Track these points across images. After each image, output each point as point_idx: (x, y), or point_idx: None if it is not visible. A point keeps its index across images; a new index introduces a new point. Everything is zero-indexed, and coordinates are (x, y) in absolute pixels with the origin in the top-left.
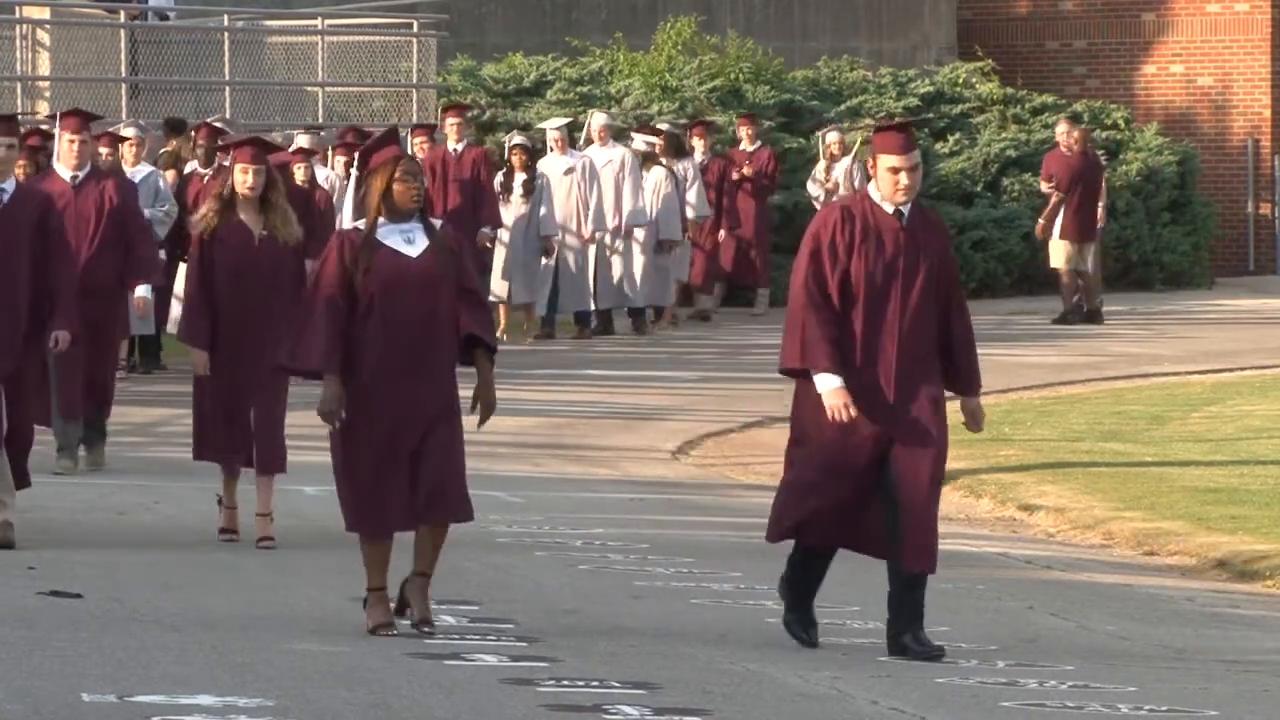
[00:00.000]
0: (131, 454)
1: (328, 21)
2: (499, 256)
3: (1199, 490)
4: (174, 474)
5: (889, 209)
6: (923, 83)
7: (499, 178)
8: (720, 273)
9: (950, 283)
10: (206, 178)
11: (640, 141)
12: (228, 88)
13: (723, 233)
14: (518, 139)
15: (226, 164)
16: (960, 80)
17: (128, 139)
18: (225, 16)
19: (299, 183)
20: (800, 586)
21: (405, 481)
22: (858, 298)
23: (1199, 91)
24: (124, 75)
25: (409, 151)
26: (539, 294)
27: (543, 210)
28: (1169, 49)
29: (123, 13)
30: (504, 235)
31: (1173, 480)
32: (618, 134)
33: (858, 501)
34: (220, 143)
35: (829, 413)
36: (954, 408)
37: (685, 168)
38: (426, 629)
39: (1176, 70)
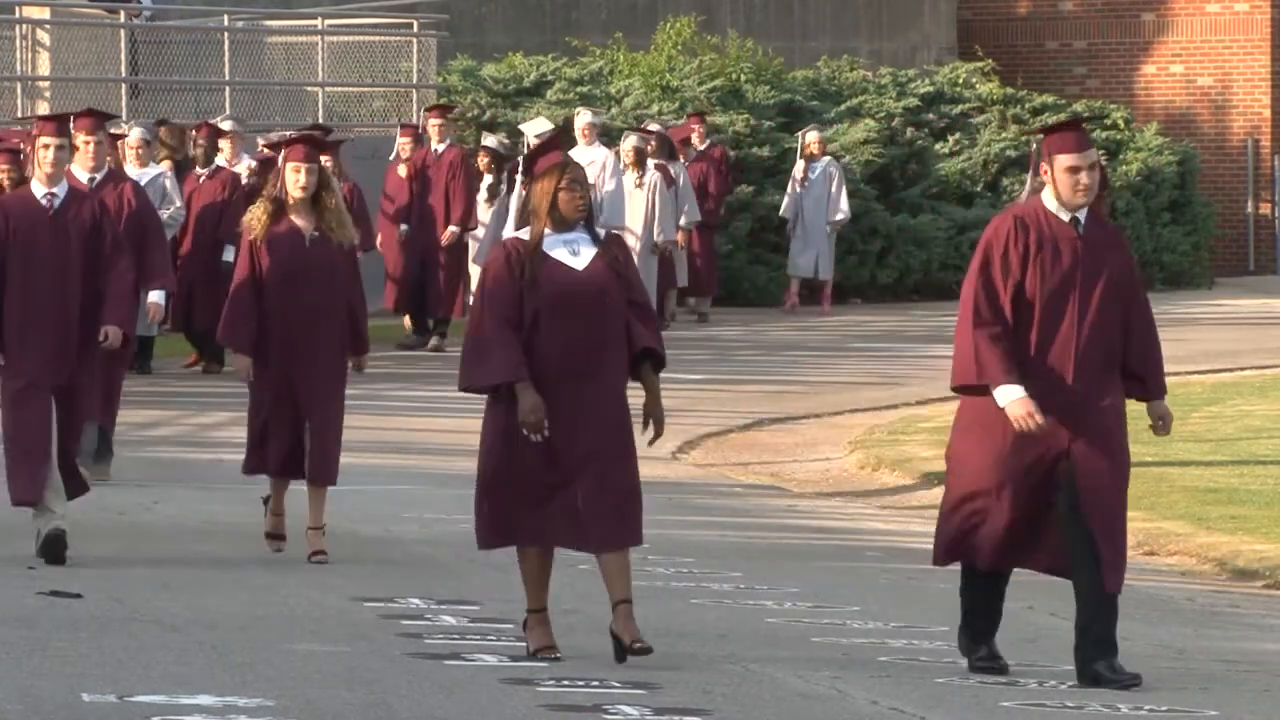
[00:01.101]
0: (131, 454)
1: (328, 21)
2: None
3: (1199, 490)
4: (174, 475)
5: (1065, 217)
6: (923, 83)
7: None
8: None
9: (1131, 294)
10: (203, 178)
11: (636, 139)
12: (228, 88)
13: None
14: (486, 142)
15: (226, 164)
16: (960, 80)
17: (127, 139)
18: (225, 16)
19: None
20: (978, 620)
21: (570, 501)
22: (1033, 312)
23: (1199, 91)
24: (124, 75)
25: (394, 151)
26: None
27: (510, 214)
28: (1169, 49)
29: (123, 13)
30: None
31: (1173, 480)
32: (606, 133)
33: (1030, 519)
34: (272, 141)
35: (1015, 423)
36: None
37: (676, 172)
38: (638, 645)
39: (1176, 70)
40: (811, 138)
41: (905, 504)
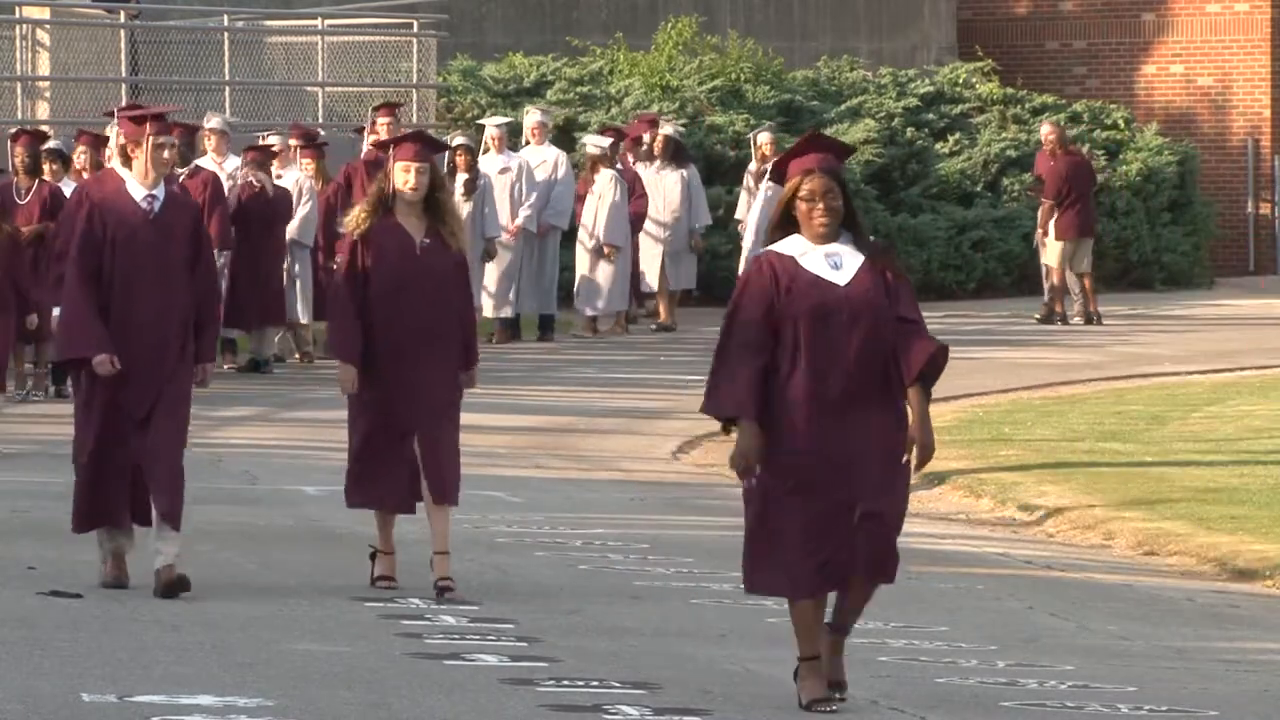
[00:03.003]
0: None
1: (328, 21)
2: None
3: (1199, 490)
4: None
5: None
6: (923, 83)
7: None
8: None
9: None
10: (182, 177)
11: (591, 145)
12: (228, 88)
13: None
14: (460, 139)
15: (215, 163)
16: (960, 80)
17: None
18: (225, 16)
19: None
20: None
21: (842, 540)
22: None
23: (1199, 91)
24: (124, 75)
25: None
26: (478, 297)
27: (485, 211)
28: (1169, 49)
29: (123, 13)
30: None
31: (1173, 480)
32: (555, 132)
33: None
34: (381, 140)
35: None
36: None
37: (690, 174)
38: (839, 695)
39: (1176, 70)
40: (764, 139)
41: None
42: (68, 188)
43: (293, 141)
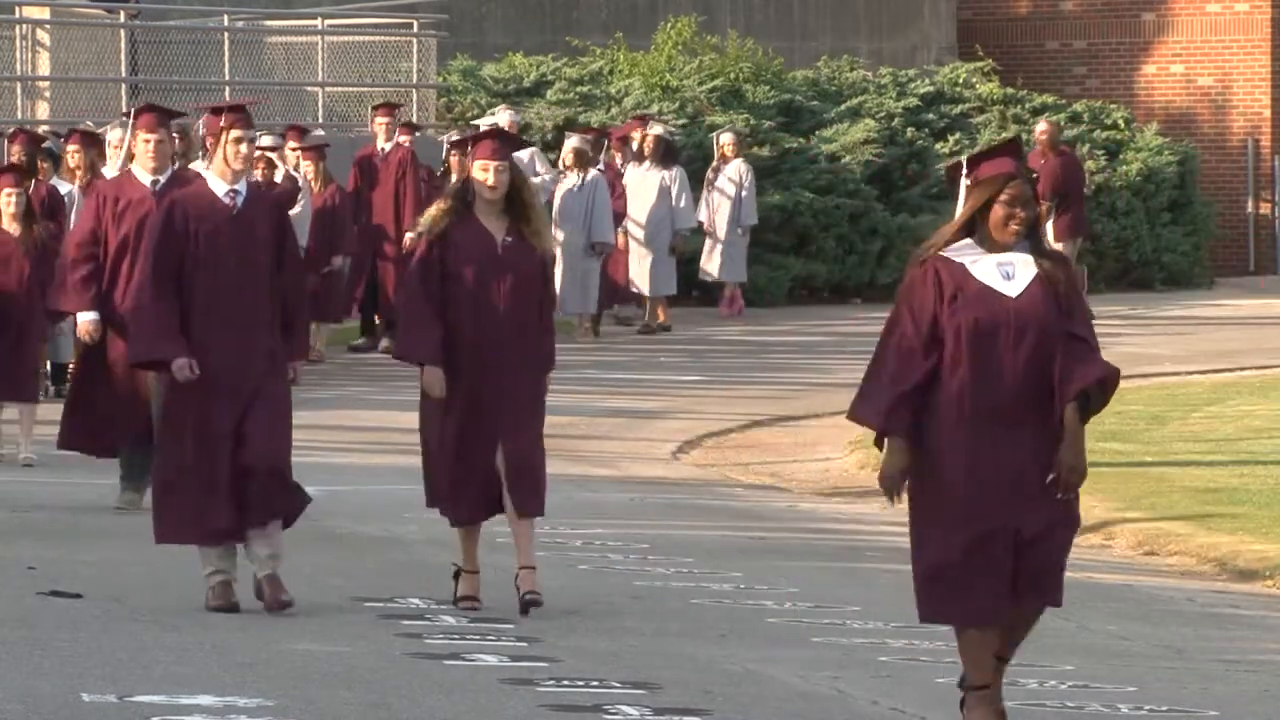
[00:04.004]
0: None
1: (328, 21)
2: None
3: (1199, 490)
4: None
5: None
6: (923, 83)
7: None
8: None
9: None
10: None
11: (578, 140)
12: (228, 88)
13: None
14: (456, 138)
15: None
16: (960, 80)
17: (107, 138)
18: (225, 16)
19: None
20: None
21: (1007, 565)
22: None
23: (1199, 91)
24: (124, 75)
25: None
26: None
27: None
28: (1169, 49)
29: (123, 13)
30: None
31: (1173, 480)
32: (525, 131)
33: None
34: (457, 139)
35: None
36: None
37: (674, 175)
38: None
39: (1176, 70)
40: (725, 139)
41: (906, 504)
42: (61, 187)
43: (292, 145)
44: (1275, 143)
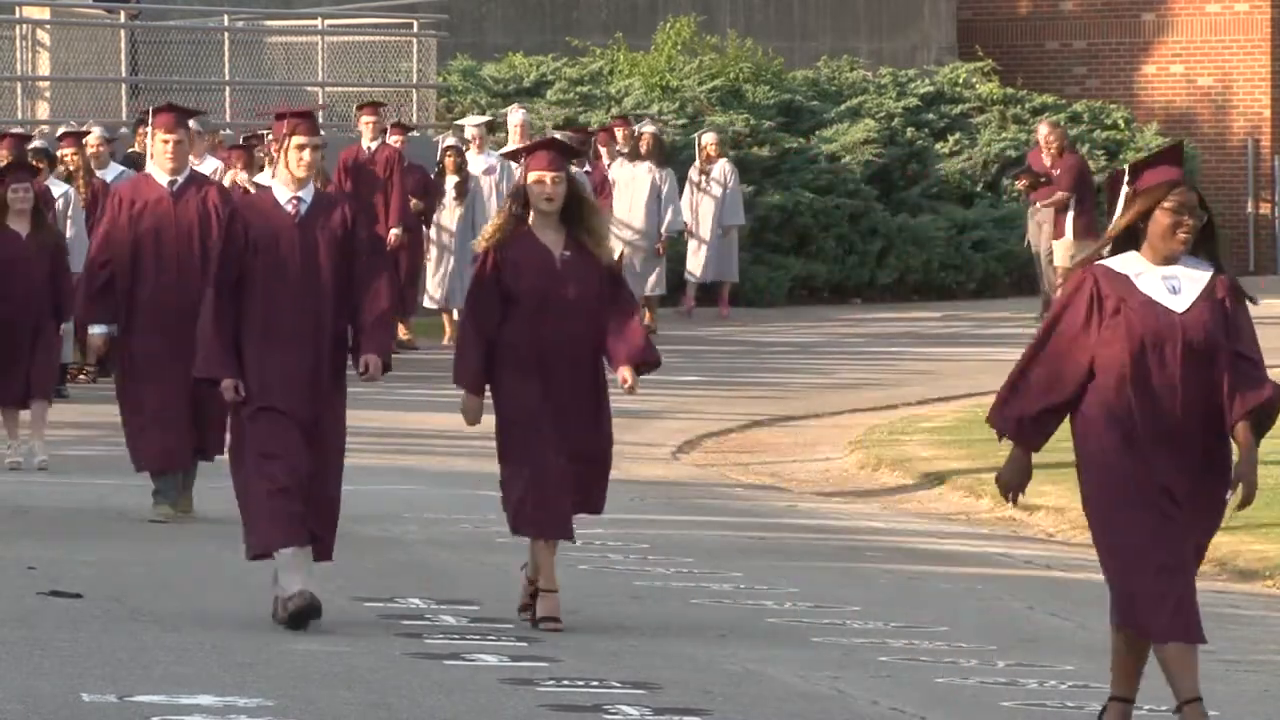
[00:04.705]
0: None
1: (328, 21)
2: (432, 260)
3: None
4: None
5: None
6: (923, 83)
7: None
8: None
9: None
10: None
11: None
12: (228, 88)
13: None
14: (449, 140)
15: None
16: (960, 80)
17: (87, 138)
18: (225, 16)
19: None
20: None
21: (1189, 581)
22: None
23: (1199, 91)
24: (124, 75)
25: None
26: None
27: (479, 212)
28: (1169, 49)
29: (123, 13)
30: (441, 238)
31: None
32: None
33: None
34: (510, 151)
35: None
36: None
37: (665, 175)
38: None
39: (1176, 70)
40: (708, 139)
41: (905, 504)
42: (56, 188)
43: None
44: (1275, 143)
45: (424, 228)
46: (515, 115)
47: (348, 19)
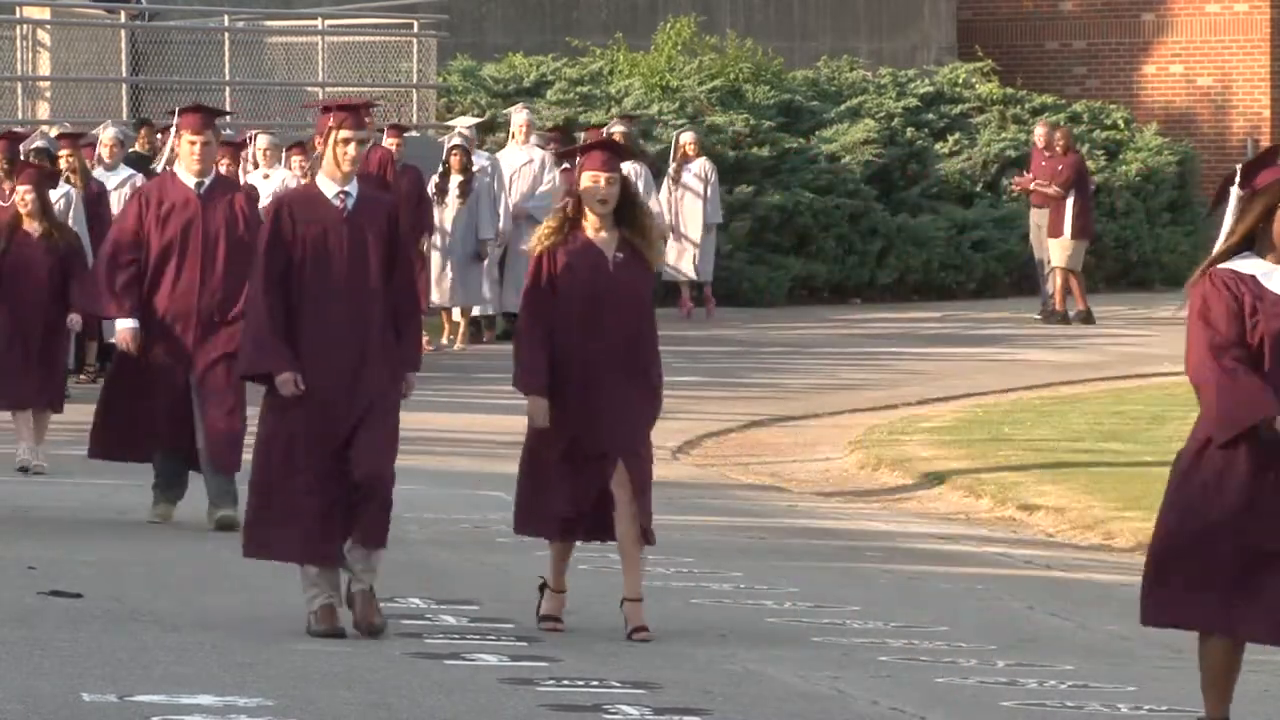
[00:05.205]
0: None
1: (328, 22)
2: (434, 260)
3: None
4: None
5: None
6: (923, 83)
7: (434, 179)
8: None
9: None
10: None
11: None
12: (228, 88)
13: None
14: (455, 140)
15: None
16: (960, 80)
17: (101, 137)
18: (225, 16)
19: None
20: None
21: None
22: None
23: (1199, 91)
24: (124, 75)
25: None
26: (477, 298)
27: (481, 212)
28: (1169, 49)
29: (123, 13)
30: (437, 239)
31: None
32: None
33: None
34: (566, 150)
35: None
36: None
37: (639, 171)
38: None
39: (1176, 70)
40: (686, 138)
41: (905, 504)
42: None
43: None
44: (1275, 143)
45: (426, 234)
46: (519, 115)
47: (348, 19)
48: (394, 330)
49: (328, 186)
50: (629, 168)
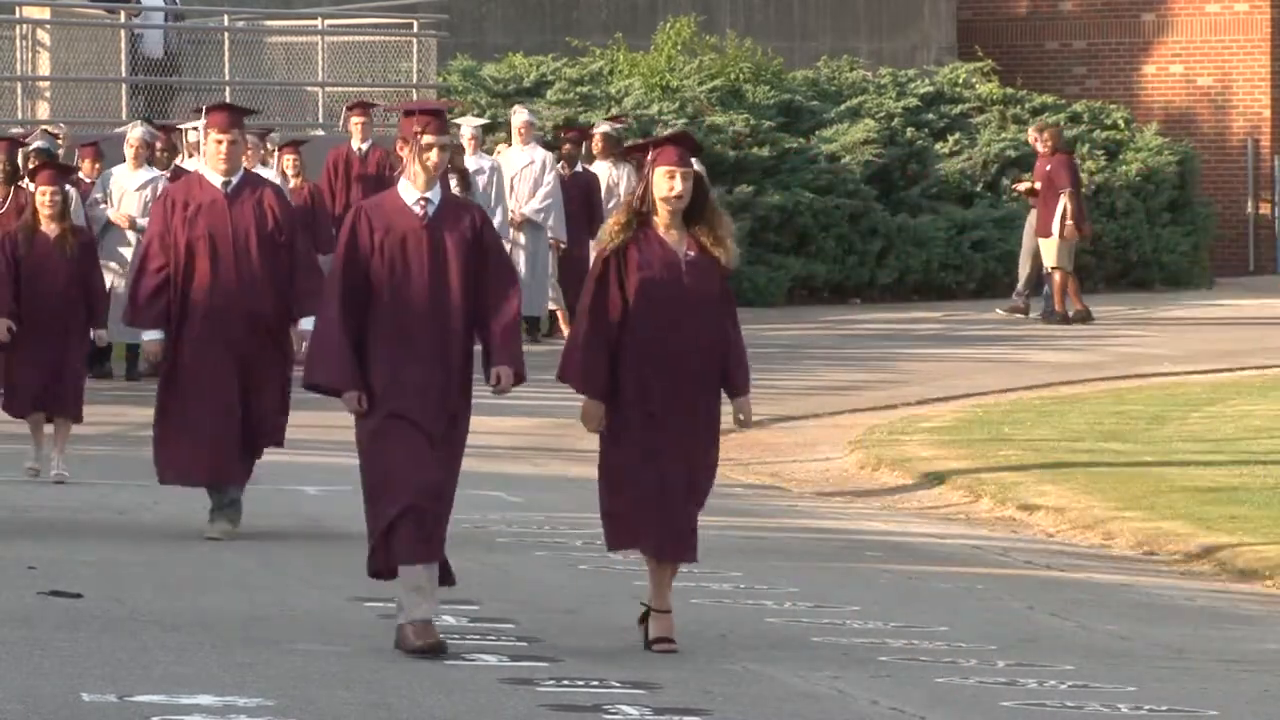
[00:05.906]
0: (131, 454)
1: (328, 21)
2: None
3: (1199, 490)
4: None
5: None
6: (923, 83)
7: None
8: None
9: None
10: (162, 180)
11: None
12: (228, 88)
13: None
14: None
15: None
16: (960, 80)
17: (128, 137)
18: (225, 16)
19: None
20: None
21: None
22: None
23: (1199, 91)
24: (124, 75)
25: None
26: None
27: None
28: (1169, 49)
29: (123, 13)
30: None
31: (1173, 480)
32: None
33: None
34: (635, 144)
35: None
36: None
37: (621, 174)
38: None
39: (1176, 70)
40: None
41: (905, 504)
42: None
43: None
44: (1275, 143)
45: None
46: (520, 115)
47: (348, 19)
48: (486, 336)
49: (409, 192)
50: (611, 172)
